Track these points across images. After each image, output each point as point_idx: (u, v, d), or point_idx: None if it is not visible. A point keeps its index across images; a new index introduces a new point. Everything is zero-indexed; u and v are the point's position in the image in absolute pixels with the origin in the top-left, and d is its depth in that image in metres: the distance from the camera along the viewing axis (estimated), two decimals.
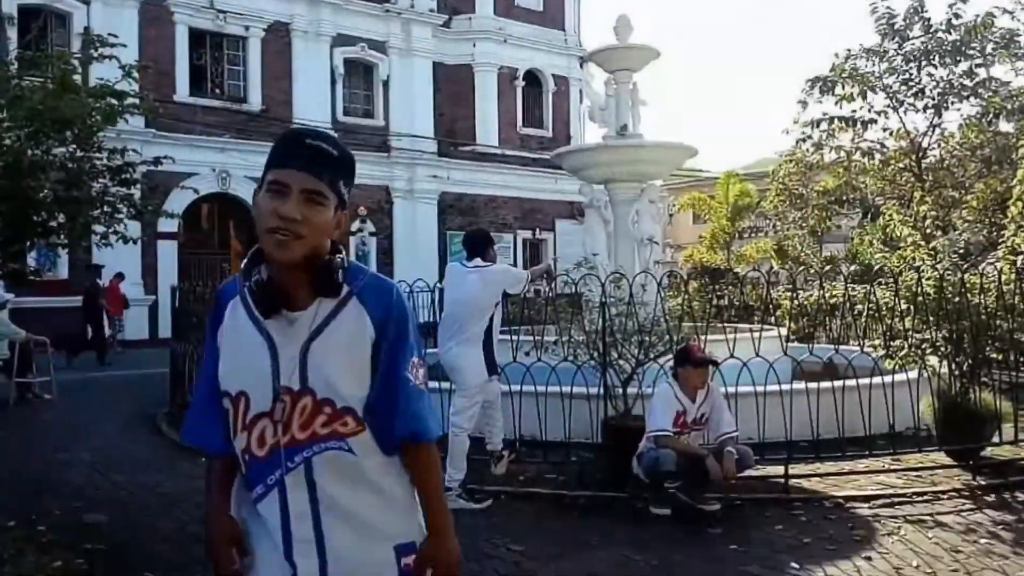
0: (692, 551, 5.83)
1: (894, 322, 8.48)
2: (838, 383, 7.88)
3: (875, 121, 18.15)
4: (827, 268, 22.41)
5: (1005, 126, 17.66)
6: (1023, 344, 8.25)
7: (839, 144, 19.53)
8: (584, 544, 5.99)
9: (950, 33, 17.15)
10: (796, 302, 11.08)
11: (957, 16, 17.01)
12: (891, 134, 18.58)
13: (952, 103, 17.80)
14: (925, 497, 6.91)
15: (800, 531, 6.14)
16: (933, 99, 17.69)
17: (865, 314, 9.18)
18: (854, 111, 18.18)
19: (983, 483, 7.24)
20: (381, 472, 2.26)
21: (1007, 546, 5.74)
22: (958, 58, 17.39)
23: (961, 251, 11.35)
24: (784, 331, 9.62)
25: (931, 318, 8.09)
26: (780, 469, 7.16)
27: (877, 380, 7.89)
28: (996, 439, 7.96)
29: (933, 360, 8.13)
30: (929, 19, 17.43)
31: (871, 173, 19.60)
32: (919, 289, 8.14)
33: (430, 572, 2.26)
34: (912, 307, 8.25)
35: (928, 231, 9.43)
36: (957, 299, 7.99)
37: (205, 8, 26.97)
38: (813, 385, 7.73)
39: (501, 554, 5.74)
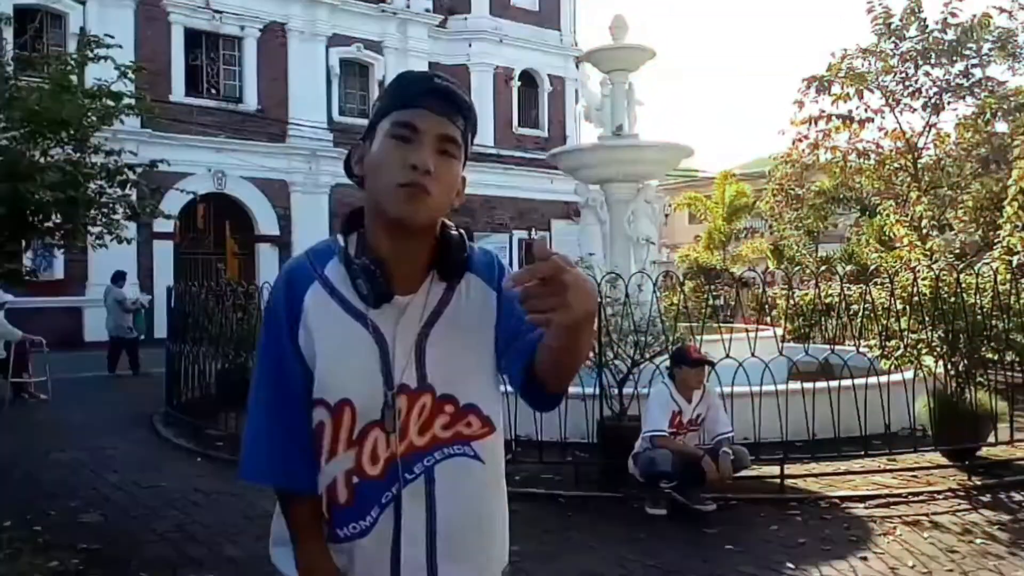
0: (688, 551, 5.83)
1: (890, 322, 8.48)
2: (834, 383, 7.87)
3: (871, 120, 18.15)
4: (823, 268, 22.47)
5: (1001, 126, 17.64)
6: (1018, 344, 8.26)
7: (835, 144, 19.54)
8: (580, 544, 6.00)
9: (946, 33, 17.14)
10: (792, 302, 11.08)
11: (953, 15, 17.00)
12: (887, 134, 18.57)
13: (948, 103, 17.80)
14: (921, 497, 6.92)
15: (796, 531, 6.15)
16: (929, 99, 17.69)
17: (861, 314, 9.18)
18: (850, 111, 18.17)
19: (979, 483, 7.26)
20: (500, 485, 1.94)
21: (1003, 546, 5.75)
22: (954, 58, 17.38)
23: (957, 251, 11.38)
24: (780, 331, 9.63)
25: (927, 318, 8.10)
26: (776, 469, 7.18)
27: (873, 380, 7.92)
28: (992, 439, 7.97)
29: (929, 360, 8.14)
30: (925, 19, 17.42)
31: (867, 173, 19.59)
32: (915, 289, 8.14)
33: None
34: (908, 307, 8.26)
35: (924, 231, 9.42)
36: (953, 299, 7.99)
37: (201, 8, 27.00)
38: (809, 385, 7.71)
39: None
